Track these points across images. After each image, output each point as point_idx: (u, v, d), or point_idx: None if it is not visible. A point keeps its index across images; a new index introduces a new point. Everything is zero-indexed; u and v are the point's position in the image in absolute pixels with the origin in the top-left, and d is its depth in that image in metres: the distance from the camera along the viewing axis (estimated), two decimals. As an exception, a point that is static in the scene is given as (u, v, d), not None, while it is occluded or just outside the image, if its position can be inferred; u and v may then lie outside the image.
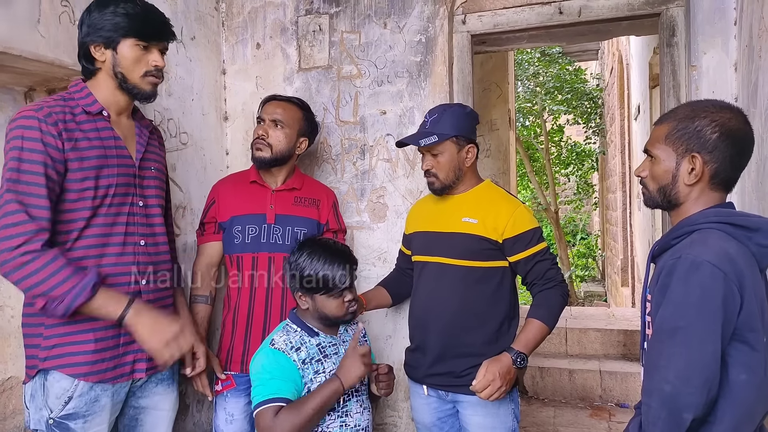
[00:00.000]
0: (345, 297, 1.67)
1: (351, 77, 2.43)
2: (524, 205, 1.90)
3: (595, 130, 8.08)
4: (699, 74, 2.06)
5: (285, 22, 2.52)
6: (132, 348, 1.56)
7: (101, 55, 1.52)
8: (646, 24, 2.34)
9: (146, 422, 1.68)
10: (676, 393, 1.09)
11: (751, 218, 1.18)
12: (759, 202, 1.75)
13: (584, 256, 9.23)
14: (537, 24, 2.29)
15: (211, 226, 2.06)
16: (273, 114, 2.03)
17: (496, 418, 1.84)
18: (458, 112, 1.88)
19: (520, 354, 1.74)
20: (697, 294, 1.09)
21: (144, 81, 1.56)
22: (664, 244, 1.24)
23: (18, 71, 1.70)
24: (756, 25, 1.76)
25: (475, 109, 2.15)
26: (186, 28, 2.30)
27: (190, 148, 2.33)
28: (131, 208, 1.58)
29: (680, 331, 1.10)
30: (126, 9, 1.50)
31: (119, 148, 1.57)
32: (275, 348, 1.65)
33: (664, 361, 1.12)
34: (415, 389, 1.97)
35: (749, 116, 1.83)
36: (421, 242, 1.97)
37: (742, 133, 1.20)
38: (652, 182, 1.29)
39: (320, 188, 2.21)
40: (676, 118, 1.24)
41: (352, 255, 1.73)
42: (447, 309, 1.84)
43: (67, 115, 1.47)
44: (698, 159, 1.20)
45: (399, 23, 2.37)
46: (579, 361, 4.39)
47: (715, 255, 1.10)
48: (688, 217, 1.22)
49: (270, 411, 1.56)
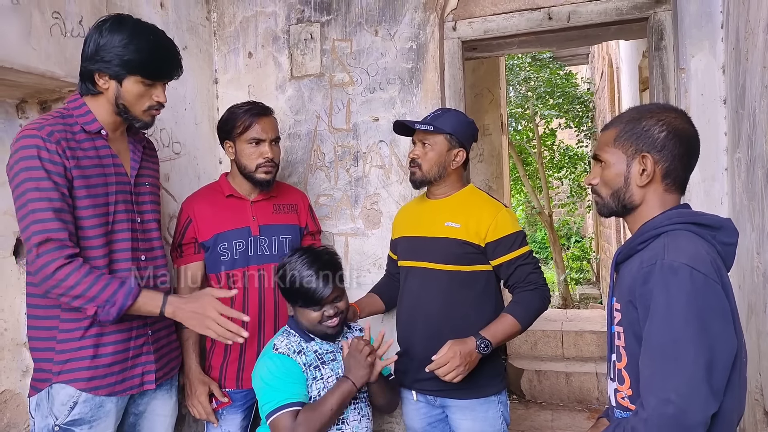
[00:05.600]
0: (325, 311, 1.65)
1: (343, 85, 2.44)
2: (507, 209, 1.91)
3: (587, 133, 8.12)
4: (687, 77, 2.08)
5: (276, 31, 2.53)
6: (140, 361, 1.60)
7: (105, 83, 1.52)
8: (635, 28, 2.36)
9: (144, 427, 1.69)
10: (682, 412, 1.01)
11: (713, 217, 1.17)
12: (749, 202, 1.77)
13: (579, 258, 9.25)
14: (527, 30, 2.31)
15: (190, 247, 1.98)
16: (272, 131, 1.97)
17: (485, 422, 1.84)
18: (460, 115, 1.94)
19: (485, 340, 1.72)
20: (682, 301, 1.04)
21: (145, 114, 1.58)
22: (629, 250, 1.20)
23: (9, 83, 1.69)
24: (743, 27, 1.78)
25: (468, 114, 2.16)
26: (178, 38, 2.30)
27: (183, 157, 2.33)
28: (132, 224, 1.60)
29: (672, 345, 1.04)
30: (139, 46, 1.48)
31: (117, 166, 1.58)
32: (280, 352, 1.65)
33: (661, 380, 1.04)
34: (405, 395, 1.97)
35: (738, 118, 1.86)
36: (406, 247, 1.98)
37: (689, 132, 1.19)
38: (605, 188, 1.25)
39: (294, 192, 2.19)
40: (623, 121, 1.23)
41: (337, 263, 1.70)
42: (432, 313, 1.85)
43: (67, 133, 1.47)
44: (648, 158, 1.18)
45: (390, 31, 2.38)
46: (575, 363, 4.40)
47: (691, 257, 1.07)
48: (651, 220, 1.19)
49: (288, 416, 1.56)
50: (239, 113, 1.94)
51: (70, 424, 1.47)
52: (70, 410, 1.47)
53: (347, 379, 1.64)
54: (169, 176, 2.23)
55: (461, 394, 1.83)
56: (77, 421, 1.47)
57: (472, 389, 1.82)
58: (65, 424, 1.47)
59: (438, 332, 1.82)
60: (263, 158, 1.93)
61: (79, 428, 1.48)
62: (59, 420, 1.47)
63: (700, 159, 1.25)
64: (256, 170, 1.94)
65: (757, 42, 1.64)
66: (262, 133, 1.93)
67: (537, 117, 8.24)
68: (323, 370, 1.67)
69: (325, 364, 1.69)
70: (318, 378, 1.66)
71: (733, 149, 1.95)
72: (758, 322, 1.71)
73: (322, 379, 1.66)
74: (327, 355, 1.71)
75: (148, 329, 1.63)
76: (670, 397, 1.02)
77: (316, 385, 1.65)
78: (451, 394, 1.84)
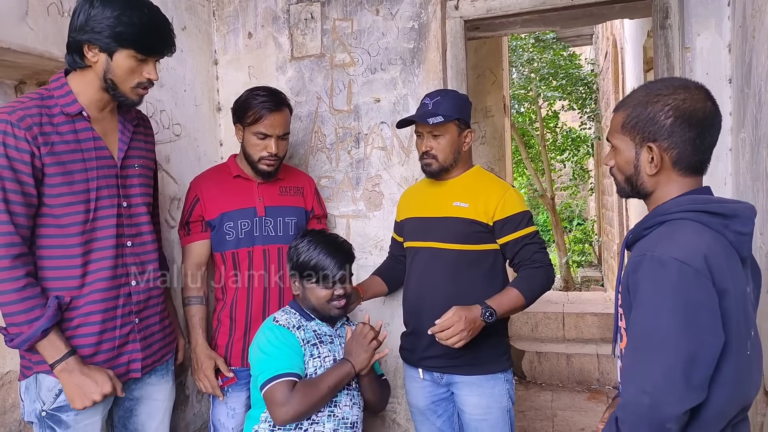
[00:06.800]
0: (335, 290, 1.69)
1: (344, 65, 2.42)
2: (514, 189, 1.92)
3: (591, 115, 8.04)
4: (693, 56, 2.05)
5: (276, 11, 2.50)
6: (126, 349, 1.57)
7: (94, 56, 1.44)
8: (640, 7, 2.33)
9: (141, 412, 1.69)
10: (656, 404, 1.01)
11: (727, 204, 1.11)
12: (753, 182, 1.75)
13: (581, 241, 9.26)
14: (530, 8, 2.27)
15: (197, 225, 2.01)
16: (280, 127, 1.96)
17: (491, 399, 1.86)
18: (459, 96, 1.92)
19: (490, 308, 1.72)
20: (668, 294, 1.02)
21: (133, 91, 1.51)
22: (637, 234, 1.18)
23: (7, 64, 1.68)
24: (749, 5, 1.75)
25: (470, 95, 2.16)
26: (177, 18, 2.28)
27: (183, 139, 2.32)
28: (118, 209, 1.55)
29: (653, 336, 1.03)
30: (132, 18, 1.41)
31: (99, 149, 1.51)
32: (280, 324, 1.67)
33: (640, 369, 1.05)
34: (411, 373, 1.99)
35: (743, 97, 1.84)
36: (413, 228, 1.98)
37: (700, 112, 1.11)
38: (619, 173, 1.22)
39: (301, 176, 2.20)
40: (630, 105, 1.18)
41: (352, 253, 1.76)
42: (440, 293, 1.85)
43: (43, 117, 1.41)
44: (655, 148, 1.13)
45: (391, 10, 2.35)
46: (576, 345, 4.43)
47: (683, 251, 1.03)
48: (661, 205, 1.15)
49: (284, 386, 1.57)
50: (254, 103, 1.92)
51: (56, 410, 1.46)
52: (55, 397, 1.45)
53: (347, 361, 1.65)
54: (169, 158, 2.23)
55: (468, 370, 1.85)
56: (63, 407, 1.46)
57: (479, 365, 1.84)
58: (51, 410, 1.46)
59: (445, 311, 1.81)
60: (267, 152, 1.94)
61: (65, 414, 1.46)
62: (46, 405, 1.46)
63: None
64: (259, 161, 1.96)
65: (764, 20, 1.61)
66: (270, 128, 1.93)
67: (540, 99, 8.18)
68: (321, 348, 1.69)
69: (323, 344, 1.71)
70: (315, 356, 1.67)
71: (738, 129, 1.93)
72: (761, 304, 1.70)
73: (320, 357, 1.68)
74: (325, 336, 1.73)
75: (134, 317, 1.59)
76: (646, 388, 1.02)
77: (313, 363, 1.66)
78: (458, 370, 1.85)
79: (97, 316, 1.50)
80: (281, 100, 1.97)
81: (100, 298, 1.50)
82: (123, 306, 1.56)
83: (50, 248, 1.46)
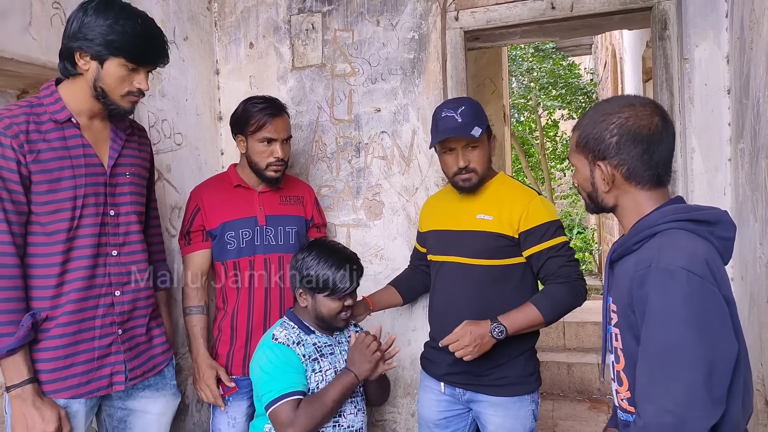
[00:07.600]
0: (345, 301, 1.68)
1: (345, 75, 2.43)
2: (540, 197, 1.82)
3: (590, 124, 8.08)
4: (691, 67, 2.06)
5: (278, 21, 2.52)
6: (108, 361, 1.54)
7: (85, 64, 1.44)
8: (638, 18, 2.34)
9: (135, 425, 1.65)
10: (681, 421, 0.96)
11: (709, 211, 1.12)
12: (752, 192, 1.76)
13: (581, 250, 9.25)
14: (529, 19, 2.29)
15: (198, 235, 2.01)
16: (284, 131, 1.98)
17: (516, 420, 1.78)
18: (474, 102, 1.83)
19: (501, 326, 1.66)
20: (679, 305, 0.99)
21: (124, 100, 1.50)
22: (624, 249, 1.16)
23: (9, 74, 1.69)
24: (747, 16, 1.77)
25: (470, 105, 2.15)
26: (179, 28, 2.29)
27: (184, 148, 2.33)
28: (103, 218, 1.52)
29: (669, 351, 0.99)
30: (125, 27, 1.41)
31: (88, 156, 1.50)
32: (279, 342, 1.66)
33: (659, 388, 1.00)
34: (431, 384, 1.92)
35: (742, 108, 1.85)
36: (437, 241, 1.92)
37: (645, 129, 1.13)
38: (582, 190, 1.25)
39: (301, 185, 2.21)
40: (582, 125, 1.21)
41: (360, 264, 1.73)
42: (467, 309, 1.77)
43: (30, 125, 1.40)
44: (603, 166, 1.16)
45: (392, 20, 2.36)
46: (577, 354, 4.41)
47: (688, 259, 1.02)
48: (646, 217, 1.14)
49: (289, 405, 1.56)
50: (254, 111, 1.94)
51: None
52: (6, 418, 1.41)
53: (350, 371, 1.64)
54: (170, 167, 2.23)
55: (496, 391, 1.78)
56: None
57: (506, 387, 1.78)
58: None
59: None
60: (274, 157, 1.95)
61: None
62: None
63: (703, 150, 1.23)
64: (266, 168, 1.97)
65: (762, 31, 1.63)
66: (275, 133, 1.94)
67: (539, 108, 8.21)
68: (322, 362, 1.68)
69: (323, 357, 1.70)
70: (317, 371, 1.66)
71: (737, 140, 1.94)
72: (761, 313, 1.71)
73: (321, 371, 1.67)
74: (325, 348, 1.72)
75: (117, 328, 1.55)
76: (668, 406, 0.98)
77: (315, 378, 1.65)
78: (484, 390, 1.78)
79: (72, 327, 1.47)
80: (280, 106, 2.01)
81: (75, 309, 1.47)
82: (103, 316, 1.52)
83: (37, 256, 1.44)
